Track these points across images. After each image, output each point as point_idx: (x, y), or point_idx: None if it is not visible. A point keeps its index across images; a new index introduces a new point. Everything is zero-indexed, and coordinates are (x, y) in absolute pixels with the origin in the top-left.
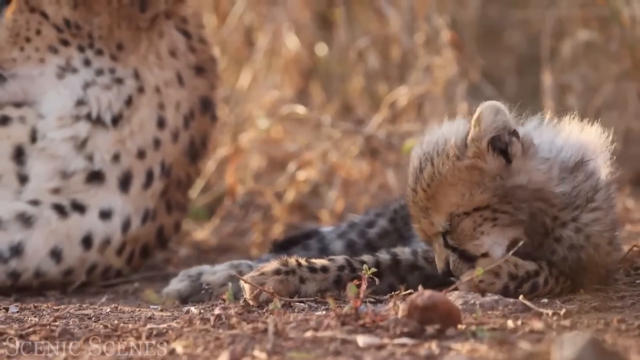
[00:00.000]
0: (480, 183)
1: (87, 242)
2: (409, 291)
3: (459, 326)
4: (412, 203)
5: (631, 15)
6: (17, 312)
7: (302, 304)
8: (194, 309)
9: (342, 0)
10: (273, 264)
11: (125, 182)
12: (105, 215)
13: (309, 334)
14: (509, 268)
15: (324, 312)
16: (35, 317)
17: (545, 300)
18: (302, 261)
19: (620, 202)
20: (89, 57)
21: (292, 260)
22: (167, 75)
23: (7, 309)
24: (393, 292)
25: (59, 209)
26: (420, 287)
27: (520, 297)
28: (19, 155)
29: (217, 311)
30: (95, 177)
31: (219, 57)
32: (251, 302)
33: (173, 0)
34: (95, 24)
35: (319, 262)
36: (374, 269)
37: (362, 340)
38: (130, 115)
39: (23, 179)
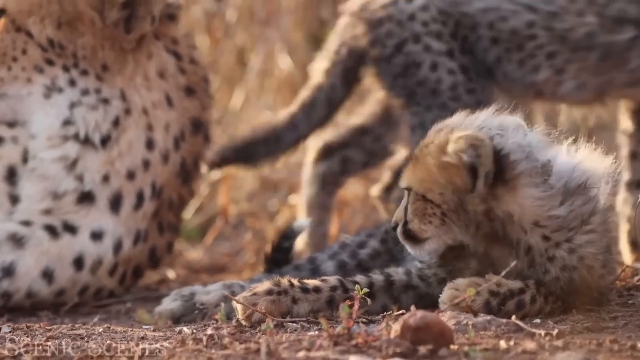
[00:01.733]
0: (442, 186)
1: (78, 262)
2: (401, 311)
3: (452, 346)
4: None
5: None
6: (10, 332)
7: (294, 324)
8: (186, 329)
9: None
10: (265, 285)
11: (115, 203)
12: (96, 236)
13: (301, 354)
14: (490, 286)
15: (316, 332)
16: (27, 337)
17: (538, 320)
18: (295, 281)
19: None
20: (73, 76)
21: (285, 281)
22: (155, 96)
23: None
24: (386, 313)
25: (51, 230)
26: (412, 307)
27: (513, 317)
28: (11, 175)
29: (209, 331)
30: (85, 197)
31: (211, 77)
32: (244, 322)
33: (161, 21)
34: (79, 44)
35: (312, 282)
36: (366, 290)
37: None
38: (118, 136)
39: (14, 200)
